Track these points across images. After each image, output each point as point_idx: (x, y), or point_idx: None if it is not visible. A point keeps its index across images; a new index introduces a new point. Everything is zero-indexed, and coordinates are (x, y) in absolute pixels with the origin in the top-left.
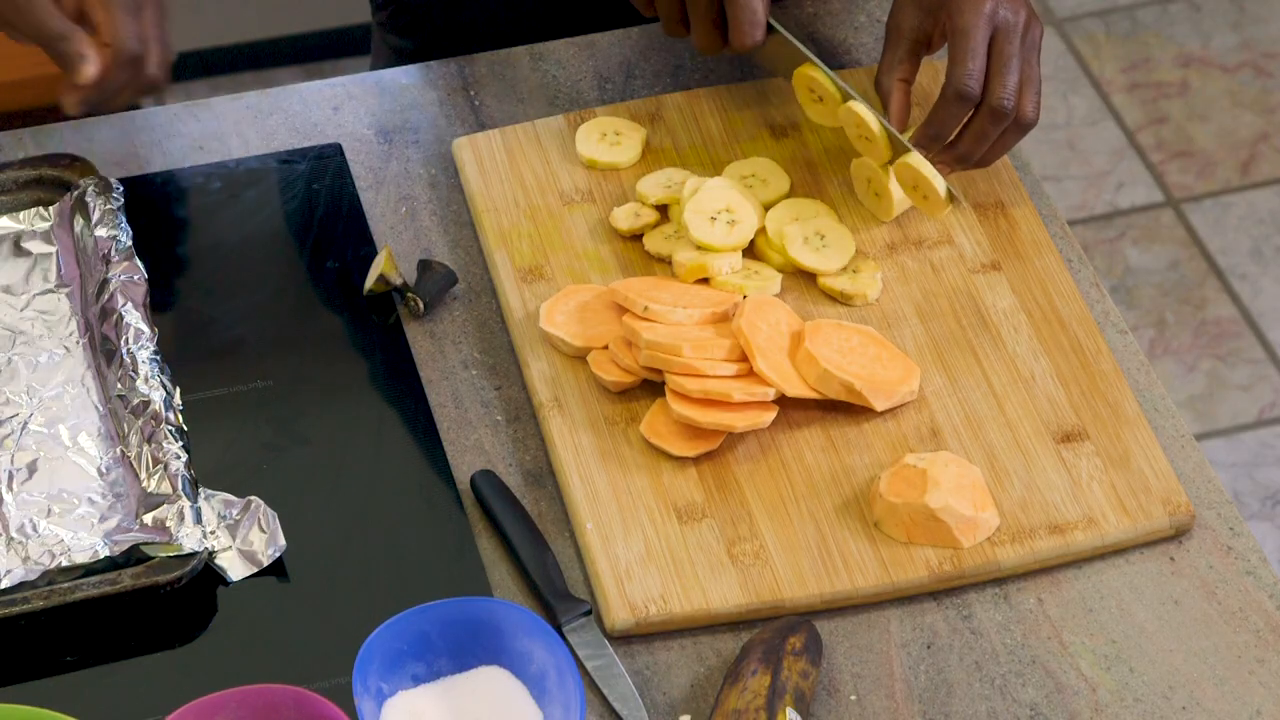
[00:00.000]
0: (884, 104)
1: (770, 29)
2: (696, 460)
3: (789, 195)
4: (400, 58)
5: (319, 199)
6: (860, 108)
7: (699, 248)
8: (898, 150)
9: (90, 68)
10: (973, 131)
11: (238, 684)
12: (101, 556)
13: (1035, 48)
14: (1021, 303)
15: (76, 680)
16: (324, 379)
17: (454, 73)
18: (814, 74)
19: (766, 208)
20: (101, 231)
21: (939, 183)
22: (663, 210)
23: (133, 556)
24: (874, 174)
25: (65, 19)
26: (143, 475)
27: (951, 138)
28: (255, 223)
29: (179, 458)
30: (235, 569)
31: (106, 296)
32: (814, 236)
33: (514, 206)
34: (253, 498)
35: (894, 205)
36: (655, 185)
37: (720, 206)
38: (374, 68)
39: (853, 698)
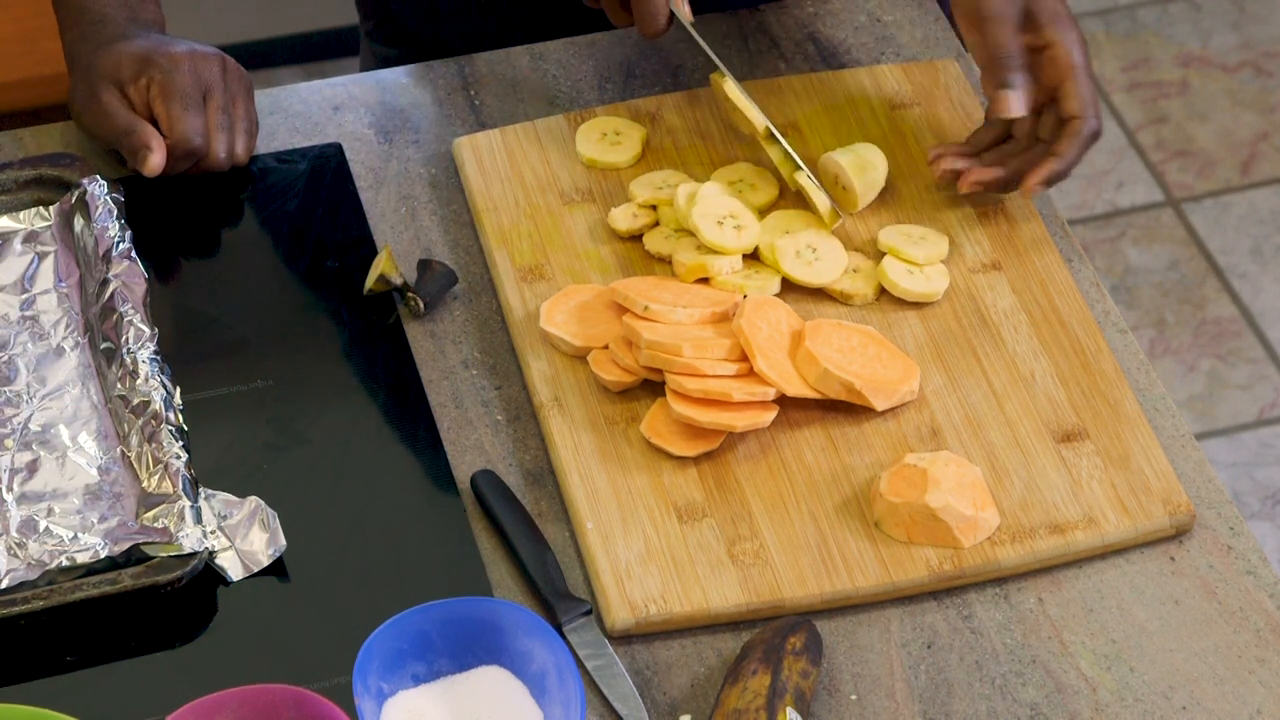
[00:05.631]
0: (1006, 86)
1: (673, 19)
2: (696, 460)
3: (778, 200)
4: (387, 66)
5: (319, 199)
6: (755, 114)
7: (710, 250)
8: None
9: (154, 158)
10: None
11: (238, 684)
12: (101, 556)
13: None
14: (1021, 302)
15: (76, 680)
16: (324, 379)
17: (454, 72)
18: (720, 81)
19: (761, 212)
20: (101, 231)
21: (823, 202)
22: (653, 210)
23: (133, 556)
24: (840, 170)
25: (132, 114)
26: (143, 475)
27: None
28: (255, 223)
29: (179, 458)
30: (235, 569)
31: (106, 296)
32: (805, 250)
33: (514, 206)
34: (253, 498)
35: (858, 199)
36: (646, 185)
37: (725, 212)
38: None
39: (853, 698)
